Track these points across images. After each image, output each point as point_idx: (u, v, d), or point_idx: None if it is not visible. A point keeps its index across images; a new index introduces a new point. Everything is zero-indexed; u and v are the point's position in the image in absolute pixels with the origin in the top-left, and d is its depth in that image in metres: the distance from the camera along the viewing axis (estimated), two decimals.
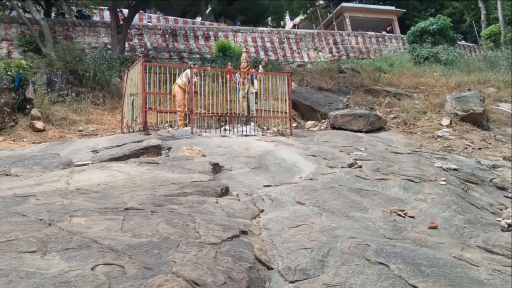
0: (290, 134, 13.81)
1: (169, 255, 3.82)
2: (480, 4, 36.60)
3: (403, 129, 15.18)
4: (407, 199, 7.42)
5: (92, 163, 8.88)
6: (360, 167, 9.18)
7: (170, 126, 14.36)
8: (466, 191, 8.59)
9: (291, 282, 4.15)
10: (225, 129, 14.13)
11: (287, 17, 48.63)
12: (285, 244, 4.85)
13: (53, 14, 28.50)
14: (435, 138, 13.94)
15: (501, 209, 8.01)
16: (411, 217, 6.34)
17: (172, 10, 36.30)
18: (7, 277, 3.22)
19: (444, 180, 8.71)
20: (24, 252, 3.60)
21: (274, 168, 9.15)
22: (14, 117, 14.36)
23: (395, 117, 16.28)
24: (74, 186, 6.47)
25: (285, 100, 14.50)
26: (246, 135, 13.17)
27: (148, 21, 31.82)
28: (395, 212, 6.38)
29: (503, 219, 7.20)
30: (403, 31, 39.02)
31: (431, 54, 28.19)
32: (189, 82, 13.73)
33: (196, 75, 13.90)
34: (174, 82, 14.48)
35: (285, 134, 13.91)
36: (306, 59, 32.31)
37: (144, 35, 28.35)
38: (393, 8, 42.92)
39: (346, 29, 39.33)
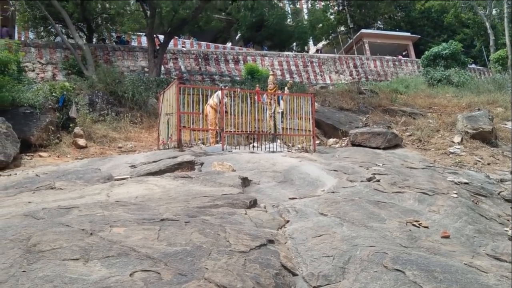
0: (313, 151, 13.76)
1: (202, 262, 3.83)
2: (489, 31, 36.26)
3: (417, 146, 15.09)
4: (422, 210, 7.37)
5: (130, 177, 8.93)
6: (378, 181, 9.15)
7: (203, 143, 14.35)
8: (476, 203, 8.52)
9: (314, 287, 4.15)
10: (253, 146, 14.12)
11: (311, 42, 48.49)
12: (309, 252, 4.84)
13: (94, 40, 28.66)
14: (447, 154, 13.84)
15: (508, 220, 7.96)
16: (425, 227, 6.32)
17: (205, 36, 36.38)
18: (52, 283, 3.26)
19: (456, 193, 8.65)
20: (68, 259, 3.65)
21: (298, 182, 9.15)
22: (59, 135, 14.54)
23: (410, 135, 16.18)
24: (113, 198, 6.53)
25: (309, 119, 14.47)
26: (273, 152, 13.15)
27: (182, 46, 31.91)
28: (411, 223, 6.36)
29: (510, 229, 7.14)
30: (418, 56, 38.76)
31: (444, 76, 27.93)
32: (220, 103, 13.82)
33: (227, 96, 13.91)
34: (206, 103, 14.53)
35: (309, 150, 13.86)
36: (328, 81, 32.13)
37: (178, 59, 28.46)
38: (408, 34, 42.65)
39: (365, 53, 39.13)
